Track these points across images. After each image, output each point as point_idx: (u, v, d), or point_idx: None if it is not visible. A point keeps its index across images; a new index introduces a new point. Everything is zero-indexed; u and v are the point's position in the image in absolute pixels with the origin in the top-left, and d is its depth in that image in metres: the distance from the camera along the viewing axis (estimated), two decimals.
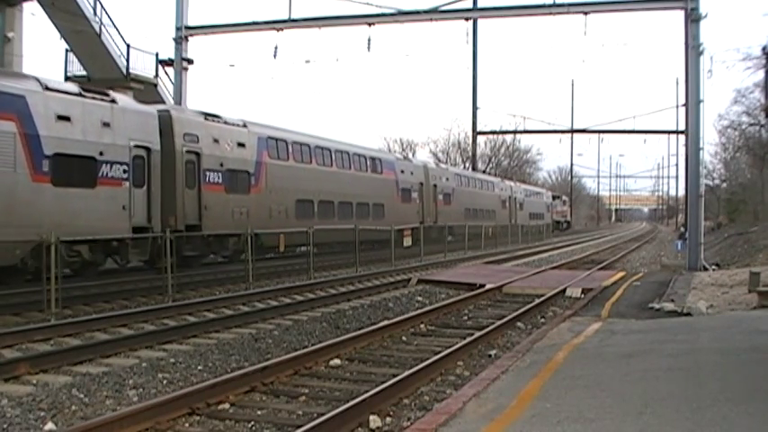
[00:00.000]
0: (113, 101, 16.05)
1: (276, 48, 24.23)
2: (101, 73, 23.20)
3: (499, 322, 11.01)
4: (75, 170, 14.99)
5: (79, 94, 15.18)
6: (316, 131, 27.31)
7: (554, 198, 69.29)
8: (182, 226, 17.64)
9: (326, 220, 23.86)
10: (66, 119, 14.67)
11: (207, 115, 19.60)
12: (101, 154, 15.45)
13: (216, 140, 19.32)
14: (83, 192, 15.10)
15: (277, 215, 21.65)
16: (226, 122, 20.11)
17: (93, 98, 15.55)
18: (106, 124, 15.63)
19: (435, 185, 35.33)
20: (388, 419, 6.28)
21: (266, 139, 21.78)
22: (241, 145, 20.39)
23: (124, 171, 16.07)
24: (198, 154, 18.61)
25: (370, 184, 28.21)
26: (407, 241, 26.93)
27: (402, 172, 31.66)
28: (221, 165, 19.39)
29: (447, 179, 37.61)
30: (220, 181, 19.36)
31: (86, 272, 15.79)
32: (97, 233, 14.98)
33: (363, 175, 27.92)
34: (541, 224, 55.36)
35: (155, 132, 17.11)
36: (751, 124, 42.06)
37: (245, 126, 20.89)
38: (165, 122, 17.70)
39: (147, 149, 16.77)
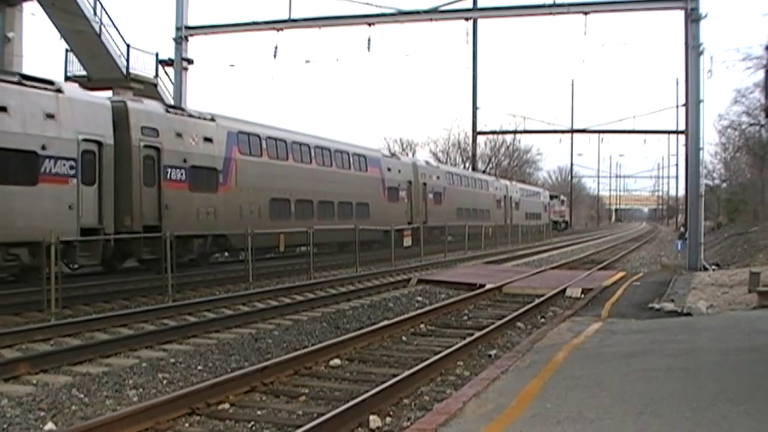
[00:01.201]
0: (59, 90, 14.88)
1: (276, 48, 24.23)
2: (101, 73, 23.21)
3: (499, 322, 11.01)
4: (13, 166, 13.80)
5: (18, 83, 14.04)
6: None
7: (552, 198, 68.43)
8: (138, 227, 16.48)
9: (305, 220, 22.41)
10: (2, 109, 13.49)
11: (169, 107, 18.68)
12: (43, 148, 14.15)
13: (179, 135, 18.00)
14: (21, 190, 13.85)
15: (249, 215, 20.27)
16: (191, 116, 18.94)
17: (35, 87, 14.33)
18: (50, 116, 14.37)
19: (425, 184, 34.05)
20: (388, 419, 6.28)
21: (237, 133, 20.51)
22: (208, 140, 19.11)
23: (71, 167, 14.74)
24: (158, 149, 17.22)
25: (353, 183, 26.87)
26: (407, 241, 26.90)
27: (389, 170, 30.32)
28: (185, 161, 18.06)
29: (438, 177, 36.31)
30: (183, 178, 18.04)
31: (28, 277, 14.55)
32: (39, 235, 13.07)
33: (346, 173, 26.54)
34: (538, 224, 53.77)
35: (107, 125, 15.81)
36: (751, 124, 42.09)
37: (212, 120, 19.64)
38: (120, 114, 16.38)
39: (99, 143, 15.47)
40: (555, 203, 69.73)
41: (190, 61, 26.07)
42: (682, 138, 35.86)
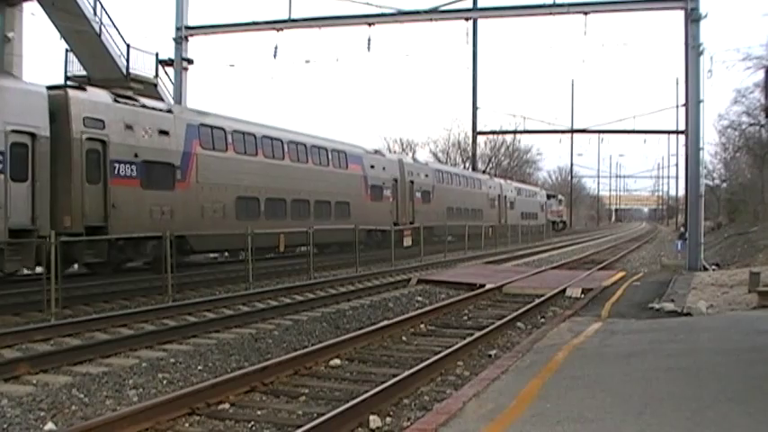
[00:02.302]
0: None
1: (276, 48, 24.22)
2: (101, 73, 23.16)
3: (499, 322, 11.02)
4: None
5: None
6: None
7: (549, 197, 67.04)
8: (79, 228, 15.10)
9: (276, 220, 21.19)
10: None
11: (118, 97, 17.06)
12: None
13: (129, 127, 16.57)
14: None
15: (212, 214, 19.11)
16: (144, 106, 17.56)
17: None
18: None
19: (412, 182, 32.69)
20: (388, 419, 6.28)
21: (198, 126, 19.12)
22: (164, 133, 17.71)
23: None
24: (104, 142, 15.85)
25: (331, 180, 25.36)
26: (407, 241, 26.88)
27: (372, 167, 28.82)
28: (135, 155, 16.65)
29: (426, 175, 34.90)
30: (134, 174, 16.63)
31: None
32: None
33: (323, 170, 25.03)
34: (535, 225, 52.26)
35: (42, 115, 14.47)
36: (751, 124, 42.06)
37: (169, 111, 18.43)
38: (59, 104, 15.04)
39: (32, 135, 14.22)
40: (552, 203, 68.50)
41: (190, 61, 26.08)
42: (682, 138, 35.92)
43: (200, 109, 20.80)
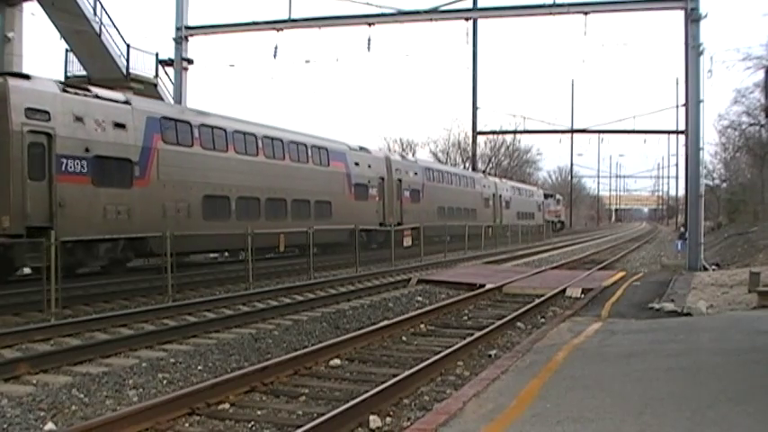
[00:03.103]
0: None
1: (276, 48, 24.21)
2: (101, 73, 23.20)
3: (499, 322, 11.01)
4: None
5: None
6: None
7: (546, 197, 65.78)
8: (19, 229, 13.97)
9: (249, 220, 19.58)
10: None
11: (67, 87, 15.97)
12: None
13: (79, 119, 15.30)
14: None
15: (175, 214, 17.84)
16: (97, 96, 16.24)
17: None
18: None
19: (400, 180, 31.34)
20: (388, 419, 6.28)
21: (159, 119, 17.79)
22: (120, 126, 16.40)
23: None
24: (49, 135, 14.70)
25: (311, 178, 24.04)
26: (407, 241, 26.85)
27: (356, 164, 27.45)
28: (87, 150, 15.38)
29: (415, 173, 33.56)
30: (85, 171, 15.33)
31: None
32: None
33: (302, 167, 23.69)
34: (531, 225, 50.55)
35: None
36: (751, 124, 42.09)
37: (126, 102, 16.99)
38: None
39: None
40: (550, 203, 67.11)
41: (190, 61, 26.07)
42: (682, 138, 35.90)
43: (165, 101, 19.98)
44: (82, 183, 15.39)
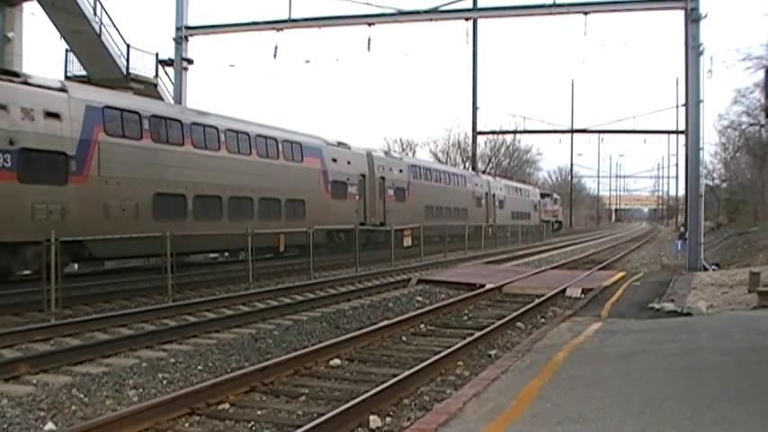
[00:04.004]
0: None
1: (276, 48, 24.23)
2: (101, 73, 23.21)
3: (499, 322, 11.01)
4: None
5: None
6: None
7: (543, 196, 64.20)
8: None
9: (207, 221, 18.51)
10: None
11: None
12: None
13: (2, 107, 13.94)
14: None
15: (119, 214, 16.22)
16: (26, 83, 14.73)
17: None
18: None
19: (383, 178, 29.78)
20: (388, 419, 6.28)
21: (102, 109, 16.08)
22: (53, 115, 14.86)
23: None
24: None
25: (282, 175, 22.35)
26: (407, 241, 26.81)
27: (334, 161, 25.76)
28: (11, 142, 13.96)
29: (400, 171, 31.96)
30: (8, 165, 13.92)
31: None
32: None
33: (272, 163, 21.99)
34: (527, 225, 48.91)
35: None
36: (751, 124, 42.10)
37: (62, 90, 15.34)
38: None
39: None
40: (547, 202, 65.36)
41: (190, 61, 26.08)
42: (682, 138, 35.90)
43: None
44: (4, 179, 13.86)
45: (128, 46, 24.14)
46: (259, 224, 19.75)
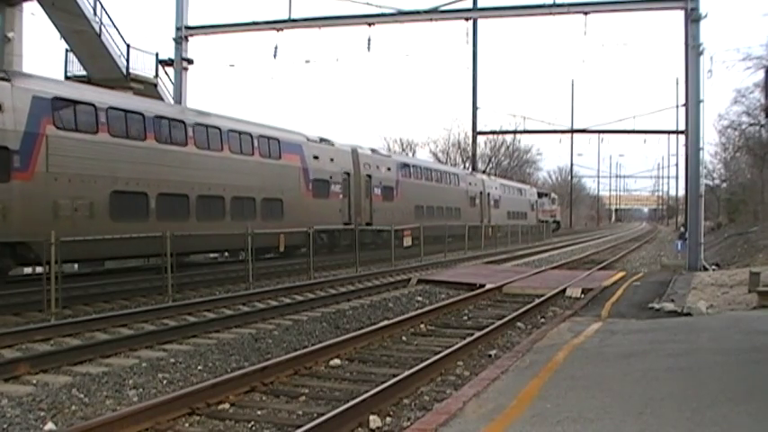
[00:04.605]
0: None
1: (276, 48, 24.25)
2: (101, 73, 23.22)
3: (499, 322, 11.01)
4: None
5: None
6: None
7: (540, 195, 63.08)
8: None
9: (174, 221, 17.12)
10: None
11: None
12: None
13: None
14: None
15: (71, 213, 15.03)
16: None
17: None
18: None
19: (370, 176, 28.60)
20: (388, 419, 6.28)
21: (51, 100, 14.91)
22: None
23: None
24: None
25: (257, 172, 21.14)
26: (407, 241, 26.79)
27: (315, 158, 24.44)
28: None
29: (388, 169, 30.77)
30: None
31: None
32: None
33: (246, 160, 20.81)
34: (523, 225, 47.39)
35: None
36: (751, 124, 42.11)
37: (4, 79, 14.16)
38: None
39: None
40: (544, 202, 64.10)
41: (190, 61, 26.10)
42: (682, 138, 35.91)
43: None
44: None
45: (128, 46, 24.16)
46: (233, 225, 18.96)
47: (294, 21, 24.40)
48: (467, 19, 24.80)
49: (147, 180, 17.11)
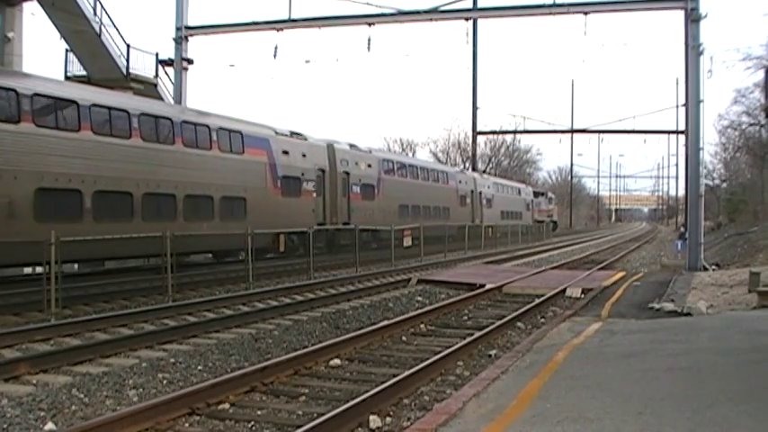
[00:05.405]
0: None
1: (276, 48, 24.26)
2: (101, 73, 23.22)
3: (499, 322, 11.01)
4: None
5: None
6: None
7: (536, 195, 61.00)
8: None
9: (113, 221, 15.73)
10: None
11: None
12: None
13: None
14: None
15: None
16: None
17: None
18: None
19: (347, 173, 27.06)
20: (388, 419, 6.28)
21: None
22: None
23: None
24: None
25: (216, 168, 19.39)
26: (407, 241, 26.77)
27: (285, 153, 22.71)
28: None
29: (369, 165, 29.11)
30: None
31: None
32: None
33: (203, 154, 19.03)
34: (519, 225, 45.71)
35: None
36: (751, 124, 42.14)
37: None
38: None
39: None
40: (541, 201, 62.03)
41: (190, 61, 26.10)
42: (682, 138, 35.92)
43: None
44: None
45: (128, 46, 24.16)
46: (186, 225, 17.39)
47: (294, 21, 24.41)
48: (467, 19, 24.81)
49: (81, 176, 15.26)
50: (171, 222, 17.00)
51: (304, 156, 23.94)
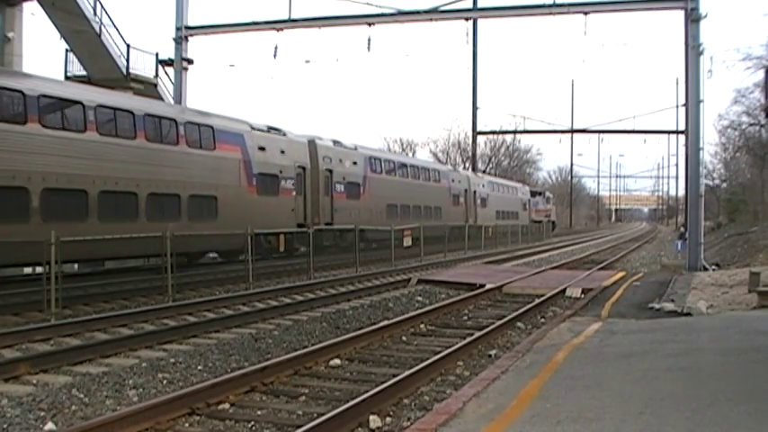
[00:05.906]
0: None
1: (276, 48, 24.26)
2: (101, 73, 23.22)
3: (499, 322, 11.01)
4: None
5: None
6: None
7: (533, 194, 59.79)
8: None
9: (66, 222, 14.42)
10: None
11: None
12: None
13: None
14: None
15: None
16: None
17: None
18: None
19: (330, 171, 25.98)
20: (388, 419, 6.28)
21: None
22: None
23: None
24: None
25: (183, 165, 18.28)
26: (407, 241, 26.76)
27: (261, 149, 21.53)
28: None
29: (354, 163, 27.94)
30: None
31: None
32: None
33: (168, 150, 17.95)
34: (514, 225, 44.62)
35: None
36: (751, 124, 42.17)
37: None
38: None
39: None
40: (538, 201, 60.71)
41: (190, 61, 26.10)
42: (682, 138, 35.93)
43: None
44: None
45: (128, 46, 24.16)
46: (149, 226, 16.23)
47: (294, 21, 24.41)
48: (467, 19, 24.82)
49: (29, 173, 14.16)
50: (133, 223, 16.30)
51: (282, 152, 22.74)
